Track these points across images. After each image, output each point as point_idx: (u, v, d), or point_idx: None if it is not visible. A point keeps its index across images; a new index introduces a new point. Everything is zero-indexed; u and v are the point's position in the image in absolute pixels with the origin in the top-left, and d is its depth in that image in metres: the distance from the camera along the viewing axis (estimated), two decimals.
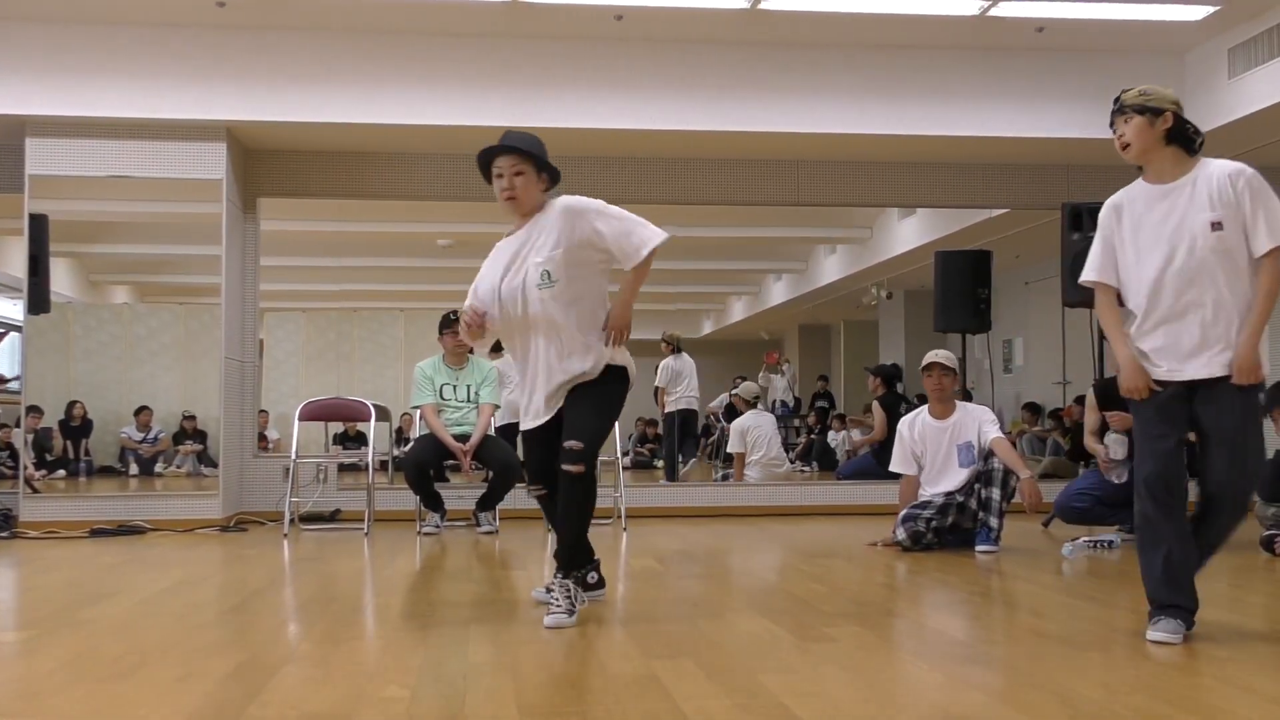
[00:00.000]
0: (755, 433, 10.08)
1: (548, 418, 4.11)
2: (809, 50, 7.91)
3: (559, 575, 4.05)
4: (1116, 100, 3.74)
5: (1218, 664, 3.27)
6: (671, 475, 11.08)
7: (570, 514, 4.09)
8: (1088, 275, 3.82)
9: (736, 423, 10.24)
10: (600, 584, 4.45)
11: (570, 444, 3.97)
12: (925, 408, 6.39)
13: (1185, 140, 3.69)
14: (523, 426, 4.24)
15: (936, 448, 6.24)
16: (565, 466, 3.96)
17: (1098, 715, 2.69)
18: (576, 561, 4.16)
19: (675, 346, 11.43)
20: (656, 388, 11.48)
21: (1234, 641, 3.61)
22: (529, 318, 4.08)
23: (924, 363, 6.35)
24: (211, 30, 7.53)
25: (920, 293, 12.32)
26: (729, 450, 10.25)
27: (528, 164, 4.14)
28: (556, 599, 3.96)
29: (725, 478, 10.41)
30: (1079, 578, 5.19)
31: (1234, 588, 4.89)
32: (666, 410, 11.33)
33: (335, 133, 7.89)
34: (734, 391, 10.98)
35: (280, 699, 2.90)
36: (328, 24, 7.54)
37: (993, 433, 6.12)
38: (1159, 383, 3.63)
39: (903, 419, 6.52)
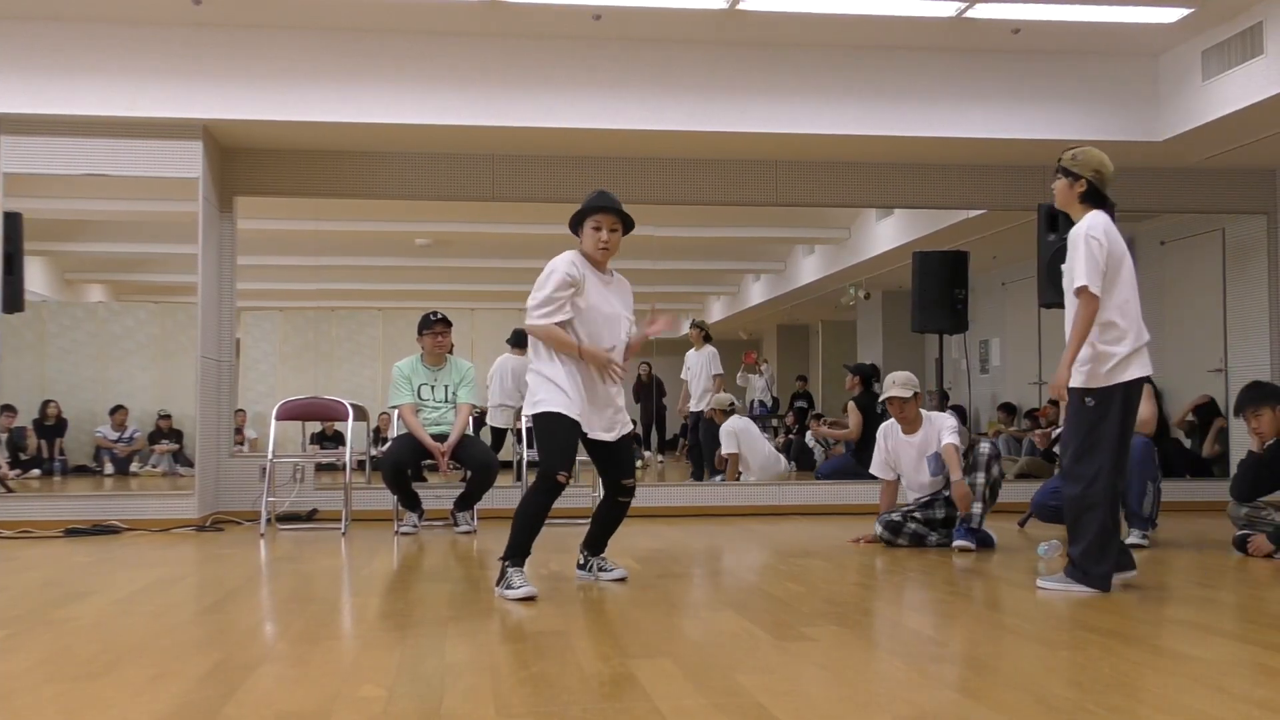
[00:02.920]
0: (746, 435, 9.99)
1: (608, 438, 4.88)
2: (787, 51, 7.93)
3: (601, 555, 5.14)
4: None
5: (1191, 663, 3.29)
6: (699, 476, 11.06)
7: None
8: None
9: (727, 424, 10.16)
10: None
11: (630, 481, 5.01)
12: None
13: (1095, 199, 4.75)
14: (590, 435, 4.83)
15: (908, 460, 6.48)
16: (625, 498, 5.02)
17: (1072, 714, 2.71)
18: None
19: (706, 335, 11.31)
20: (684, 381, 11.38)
21: (1206, 640, 3.64)
22: (613, 352, 4.83)
23: (881, 397, 6.58)
24: (188, 28, 7.49)
25: (898, 293, 12.34)
26: (722, 452, 10.17)
27: (620, 227, 4.87)
28: (611, 565, 5.13)
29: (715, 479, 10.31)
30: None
31: (1206, 587, 4.93)
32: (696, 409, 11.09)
33: (313, 131, 7.86)
34: (710, 406, 10.81)
35: (256, 699, 2.89)
36: (305, 22, 7.51)
37: (945, 439, 6.31)
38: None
39: (882, 425, 6.69)
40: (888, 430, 6.57)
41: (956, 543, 6.10)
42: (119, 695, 2.94)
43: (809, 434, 13.20)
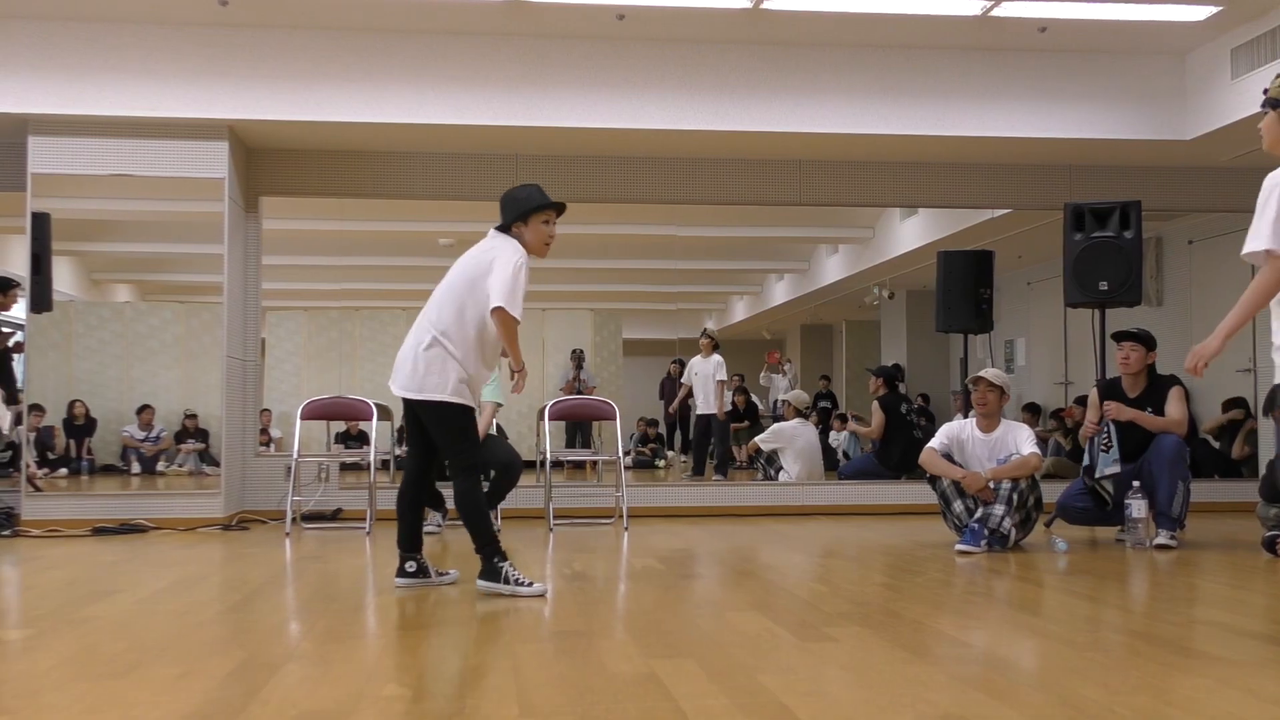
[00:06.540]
0: (795, 444, 9.85)
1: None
2: (811, 50, 7.91)
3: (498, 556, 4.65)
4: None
5: (1219, 665, 3.26)
6: (701, 472, 11.18)
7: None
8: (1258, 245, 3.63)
9: (781, 425, 10.05)
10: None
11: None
12: (974, 419, 6.53)
13: None
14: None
15: (977, 457, 6.40)
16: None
17: (1099, 716, 2.68)
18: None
19: (715, 344, 11.43)
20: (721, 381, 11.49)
21: (1235, 642, 3.61)
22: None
23: (972, 376, 6.57)
24: (214, 29, 7.53)
25: (922, 293, 12.29)
26: (760, 442, 10.08)
27: None
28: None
29: (766, 476, 10.24)
30: (1078, 577, 5.18)
31: (1235, 589, 4.89)
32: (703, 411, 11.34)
33: (337, 132, 7.90)
34: (783, 397, 10.92)
35: (280, 697, 2.90)
36: (330, 23, 7.54)
37: (1027, 449, 6.26)
38: None
39: (953, 422, 6.75)
40: (960, 425, 6.55)
41: (958, 545, 6.06)
42: (143, 694, 2.95)
43: (832, 433, 13.16)
